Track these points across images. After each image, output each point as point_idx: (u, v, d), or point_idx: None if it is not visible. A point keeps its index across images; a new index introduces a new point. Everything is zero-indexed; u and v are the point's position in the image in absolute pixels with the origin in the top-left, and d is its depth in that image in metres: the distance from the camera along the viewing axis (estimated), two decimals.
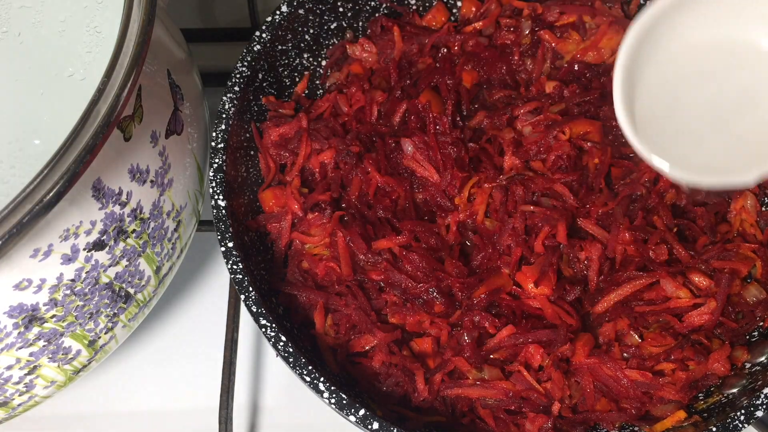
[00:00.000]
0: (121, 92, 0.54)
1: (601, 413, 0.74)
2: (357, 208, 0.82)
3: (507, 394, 0.73)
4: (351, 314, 0.77)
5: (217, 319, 0.90)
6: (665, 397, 0.74)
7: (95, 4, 0.62)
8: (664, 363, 0.74)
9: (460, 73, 0.90)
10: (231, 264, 0.72)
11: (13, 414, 0.69)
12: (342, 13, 0.92)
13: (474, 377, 0.75)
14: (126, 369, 0.89)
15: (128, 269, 0.67)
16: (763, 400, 0.68)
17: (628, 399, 0.75)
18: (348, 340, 0.77)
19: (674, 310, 0.77)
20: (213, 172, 0.76)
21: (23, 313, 0.59)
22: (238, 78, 0.81)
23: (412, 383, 0.74)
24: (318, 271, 0.80)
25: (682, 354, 0.75)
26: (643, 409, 0.75)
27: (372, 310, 0.78)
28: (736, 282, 0.79)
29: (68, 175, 0.50)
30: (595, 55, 0.91)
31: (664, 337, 0.75)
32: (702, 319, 0.76)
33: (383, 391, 0.75)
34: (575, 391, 0.75)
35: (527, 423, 0.73)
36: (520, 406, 0.74)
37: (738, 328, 0.77)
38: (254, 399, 0.87)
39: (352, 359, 0.77)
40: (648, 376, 0.74)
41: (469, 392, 0.74)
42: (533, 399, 0.74)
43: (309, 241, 0.81)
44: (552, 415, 0.73)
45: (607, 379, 0.74)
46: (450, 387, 0.74)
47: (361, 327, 0.77)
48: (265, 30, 0.84)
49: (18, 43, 0.61)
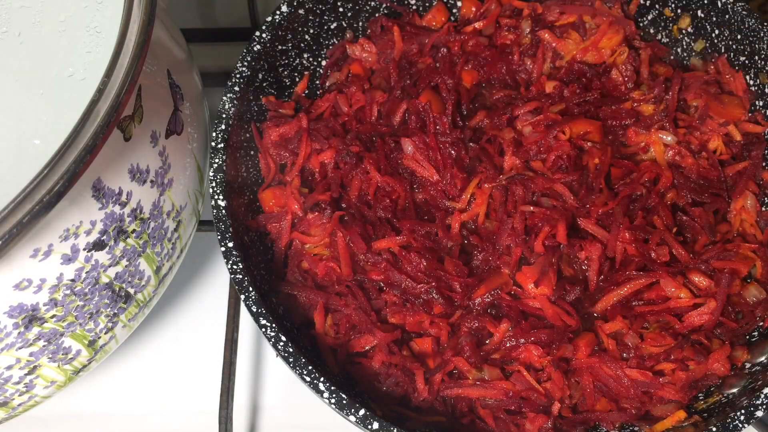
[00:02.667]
0: (121, 92, 0.53)
1: (601, 413, 0.74)
2: (357, 208, 0.82)
3: (507, 394, 0.73)
4: (351, 314, 0.77)
5: (217, 319, 0.90)
6: (665, 397, 0.74)
7: (95, 4, 0.62)
8: (664, 363, 0.74)
9: (460, 73, 0.90)
10: (231, 264, 0.72)
11: (13, 414, 0.69)
12: (342, 13, 0.92)
13: (474, 377, 0.75)
14: (126, 369, 0.89)
15: (128, 269, 0.67)
16: (763, 400, 0.68)
17: (628, 399, 0.75)
18: (348, 340, 0.77)
19: (674, 310, 0.77)
20: (213, 172, 0.76)
21: (23, 313, 0.59)
22: (238, 78, 0.81)
23: (412, 383, 0.74)
24: (318, 271, 0.80)
25: (682, 354, 0.74)
26: (643, 409, 0.75)
27: (372, 310, 0.78)
28: (736, 282, 0.79)
29: (68, 175, 0.50)
30: (596, 55, 0.91)
31: (663, 337, 0.75)
32: (702, 319, 0.76)
33: (383, 391, 0.75)
34: (575, 391, 0.75)
35: (527, 423, 0.73)
36: (520, 406, 0.74)
37: (738, 328, 0.77)
38: (254, 399, 0.87)
39: (352, 359, 0.77)
40: (648, 376, 0.74)
41: (469, 392, 0.74)
42: (533, 399, 0.74)
43: (309, 241, 0.81)
44: (552, 415, 0.73)
45: (607, 378, 0.74)
46: (450, 387, 0.74)
47: (361, 327, 0.77)
48: (265, 30, 0.84)
49: (18, 43, 0.61)
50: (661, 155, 0.85)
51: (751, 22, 0.84)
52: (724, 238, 0.82)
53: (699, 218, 0.82)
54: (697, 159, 0.85)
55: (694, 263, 0.79)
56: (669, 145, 0.86)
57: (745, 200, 0.83)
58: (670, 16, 0.92)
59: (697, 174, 0.85)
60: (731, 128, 0.87)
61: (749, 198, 0.84)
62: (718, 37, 0.89)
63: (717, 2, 0.86)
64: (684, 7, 0.91)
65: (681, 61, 0.94)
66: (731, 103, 0.87)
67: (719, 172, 0.85)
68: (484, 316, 0.76)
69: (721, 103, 0.87)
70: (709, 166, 0.85)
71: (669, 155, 0.86)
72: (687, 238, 0.83)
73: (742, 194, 0.84)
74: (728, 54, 0.88)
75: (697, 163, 0.85)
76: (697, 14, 0.90)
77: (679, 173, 0.85)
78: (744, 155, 0.87)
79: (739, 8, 0.85)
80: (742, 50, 0.86)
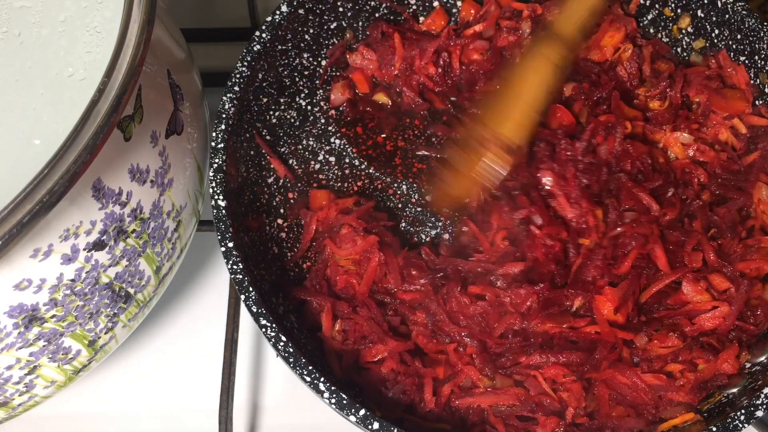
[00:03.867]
0: (121, 92, 0.53)
1: (617, 420, 0.73)
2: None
3: (520, 399, 0.72)
4: (362, 324, 0.76)
5: (217, 319, 0.90)
6: (675, 400, 0.73)
7: (95, 4, 0.62)
8: (672, 364, 0.73)
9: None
10: (231, 264, 0.72)
11: (13, 414, 0.69)
12: (342, 13, 0.92)
13: (485, 386, 0.74)
14: (126, 369, 0.89)
15: (128, 269, 0.67)
16: (764, 399, 0.68)
17: (644, 405, 0.73)
18: (356, 349, 0.77)
19: (691, 314, 0.76)
20: (213, 172, 0.76)
21: (23, 313, 0.59)
22: (238, 78, 0.81)
23: (420, 393, 0.73)
24: (337, 281, 0.79)
25: (691, 354, 0.74)
26: (658, 414, 0.73)
27: (384, 321, 0.77)
28: (758, 286, 0.77)
29: (68, 175, 0.50)
30: (598, 53, 0.91)
31: (670, 338, 0.74)
32: (714, 323, 0.75)
33: (389, 397, 0.74)
34: (590, 401, 0.74)
35: (538, 429, 0.72)
36: (533, 410, 0.72)
37: (755, 330, 0.76)
38: (254, 399, 0.87)
39: (359, 367, 0.77)
40: (663, 379, 0.72)
41: (480, 401, 0.73)
42: (546, 405, 0.72)
43: (338, 253, 0.80)
44: (565, 421, 0.71)
45: (623, 387, 0.73)
46: (461, 397, 0.73)
47: (372, 337, 0.76)
48: (265, 30, 0.84)
49: (18, 43, 0.61)
50: (683, 154, 0.85)
51: (751, 22, 0.84)
52: (748, 234, 0.81)
53: (723, 218, 0.81)
54: (717, 152, 0.85)
55: (720, 266, 0.78)
56: (687, 144, 0.85)
57: (761, 191, 0.82)
58: (669, 16, 0.92)
59: (720, 167, 0.84)
60: (736, 121, 0.86)
61: (764, 189, 0.83)
62: (718, 36, 0.89)
63: (717, 2, 0.86)
64: (684, 7, 0.91)
65: (682, 59, 0.93)
66: (734, 97, 0.87)
67: (739, 164, 0.85)
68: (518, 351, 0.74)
69: (724, 98, 0.86)
70: (728, 159, 0.85)
71: (691, 153, 0.85)
72: (715, 236, 0.82)
73: (755, 186, 0.83)
74: (728, 54, 0.89)
75: (718, 156, 0.85)
76: (696, 14, 0.90)
77: (703, 170, 0.84)
78: (751, 148, 0.86)
79: (738, 8, 0.85)
80: (742, 50, 0.86)
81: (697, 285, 0.76)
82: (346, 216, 0.81)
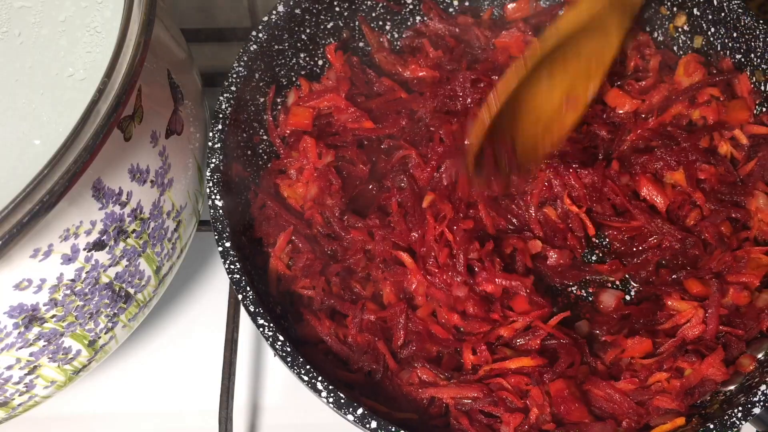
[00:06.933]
0: (121, 92, 0.54)
1: (582, 426, 0.71)
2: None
3: (482, 391, 0.72)
4: (311, 257, 0.80)
5: (217, 319, 0.90)
6: (662, 407, 0.72)
7: (95, 4, 0.62)
8: (658, 373, 0.73)
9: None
10: (228, 264, 0.72)
11: (13, 414, 0.69)
12: (338, 13, 0.93)
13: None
14: (126, 369, 0.89)
15: (128, 269, 0.67)
16: (760, 397, 0.68)
17: (625, 414, 0.72)
18: (295, 276, 0.80)
19: (678, 328, 0.76)
20: (210, 172, 0.76)
21: (23, 313, 0.59)
22: (235, 78, 0.81)
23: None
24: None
25: (674, 362, 0.73)
26: (642, 421, 0.72)
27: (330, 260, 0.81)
28: (745, 293, 0.77)
29: (68, 175, 0.50)
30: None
31: (642, 343, 0.75)
32: (695, 332, 0.75)
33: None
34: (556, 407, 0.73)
35: (503, 427, 0.71)
36: (495, 403, 0.71)
37: (743, 334, 0.76)
38: (254, 399, 0.87)
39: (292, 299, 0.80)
40: (635, 382, 0.72)
41: (443, 392, 0.72)
42: (509, 404, 0.72)
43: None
44: (530, 420, 0.71)
45: (599, 400, 0.73)
46: (424, 387, 0.73)
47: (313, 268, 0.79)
48: (262, 30, 0.84)
49: (18, 43, 0.61)
50: (683, 180, 0.85)
51: (747, 20, 0.84)
52: (741, 246, 0.81)
53: (707, 231, 0.82)
54: (716, 168, 0.85)
55: (693, 272, 0.79)
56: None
57: (758, 200, 0.82)
58: (665, 14, 0.93)
59: (718, 182, 0.84)
60: (737, 132, 0.86)
61: (761, 197, 0.82)
62: (714, 35, 0.89)
63: (713, 0, 0.87)
64: (680, 6, 0.91)
65: (679, 58, 0.93)
66: (735, 107, 0.86)
67: (735, 176, 0.85)
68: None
69: (726, 109, 0.86)
70: (725, 171, 0.85)
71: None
72: (689, 255, 0.82)
73: (752, 195, 0.83)
74: (724, 52, 0.89)
75: (717, 171, 0.84)
76: (692, 12, 0.90)
77: (701, 189, 0.84)
78: (750, 157, 0.86)
79: (734, 6, 0.85)
80: (738, 48, 0.87)
81: (676, 296, 0.78)
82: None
